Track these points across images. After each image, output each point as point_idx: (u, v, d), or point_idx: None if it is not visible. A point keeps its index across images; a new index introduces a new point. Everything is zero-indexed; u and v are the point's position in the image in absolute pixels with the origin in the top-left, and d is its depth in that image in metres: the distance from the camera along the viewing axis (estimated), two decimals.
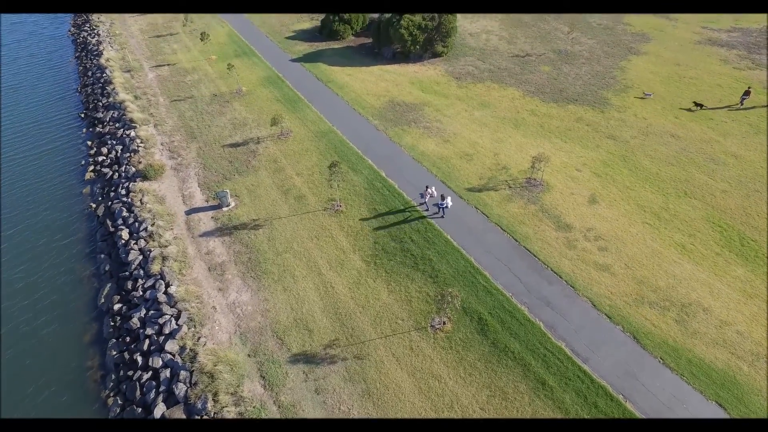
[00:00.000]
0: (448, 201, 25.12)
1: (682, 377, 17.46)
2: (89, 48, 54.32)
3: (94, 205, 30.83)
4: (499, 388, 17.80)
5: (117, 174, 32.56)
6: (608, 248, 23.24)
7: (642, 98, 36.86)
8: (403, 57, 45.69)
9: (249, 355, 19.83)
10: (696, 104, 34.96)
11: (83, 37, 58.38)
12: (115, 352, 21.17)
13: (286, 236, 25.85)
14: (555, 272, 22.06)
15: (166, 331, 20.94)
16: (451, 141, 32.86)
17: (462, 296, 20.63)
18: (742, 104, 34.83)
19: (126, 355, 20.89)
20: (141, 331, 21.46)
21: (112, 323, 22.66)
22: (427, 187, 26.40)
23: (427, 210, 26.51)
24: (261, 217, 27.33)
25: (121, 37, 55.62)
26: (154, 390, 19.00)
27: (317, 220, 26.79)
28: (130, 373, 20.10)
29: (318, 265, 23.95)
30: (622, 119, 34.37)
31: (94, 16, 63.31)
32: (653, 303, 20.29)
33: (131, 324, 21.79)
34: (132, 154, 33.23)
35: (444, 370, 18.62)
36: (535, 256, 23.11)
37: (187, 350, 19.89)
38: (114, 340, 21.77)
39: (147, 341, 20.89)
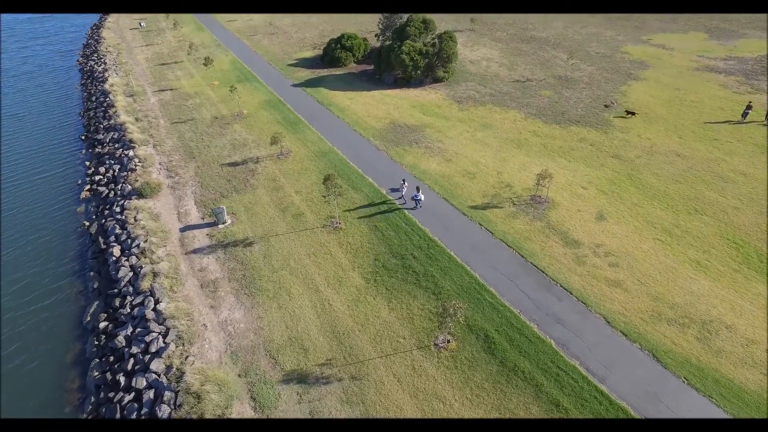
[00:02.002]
0: (422, 195, 26.68)
1: (711, 399, 16.05)
2: (95, 75, 55.07)
3: (87, 223, 30.02)
4: (509, 410, 16.36)
5: (113, 192, 31.94)
6: (619, 264, 22.19)
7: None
8: (405, 82, 46.02)
9: (240, 375, 18.47)
10: (628, 112, 37.38)
11: (90, 66, 59.34)
12: (97, 373, 19.80)
13: (283, 253, 24.87)
14: (565, 288, 20.93)
15: (153, 349, 19.64)
16: (453, 160, 32.37)
17: (467, 313, 19.47)
18: (744, 119, 35.25)
19: (108, 375, 19.50)
20: (126, 349, 20.16)
21: (97, 342, 21.36)
22: (403, 181, 28.12)
23: (404, 203, 27.64)
24: (257, 234, 26.45)
25: (127, 65, 56.49)
26: (135, 413, 17.58)
27: (315, 238, 25.88)
28: (111, 394, 18.68)
29: (315, 282, 22.86)
30: (626, 140, 34.00)
31: (102, 47, 64.62)
32: (672, 320, 19.06)
33: (116, 342, 20.54)
34: (129, 173, 32.73)
35: (449, 391, 17.22)
36: (542, 272, 22.03)
37: (174, 369, 18.56)
38: (97, 360, 20.45)
39: (132, 360, 19.57)
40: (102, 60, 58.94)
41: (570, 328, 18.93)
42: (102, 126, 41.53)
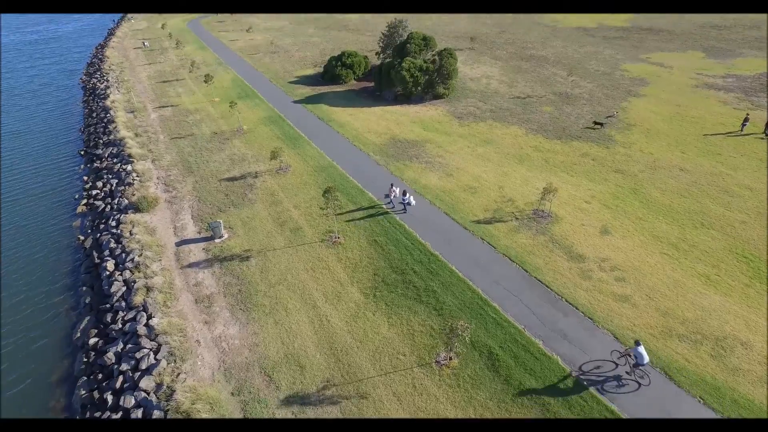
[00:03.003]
0: (411, 198, 27.27)
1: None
2: (97, 92, 55.38)
3: (82, 238, 29.50)
4: None
5: (109, 207, 31.50)
6: (626, 279, 21.54)
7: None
8: (405, 99, 46.11)
9: (232, 393, 17.66)
10: (596, 123, 38.33)
11: (93, 84, 59.76)
12: (84, 392, 18.98)
13: (280, 268, 24.26)
14: (570, 303, 20.24)
15: (143, 366, 18.87)
16: (454, 175, 32.02)
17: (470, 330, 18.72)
18: (742, 130, 36.17)
19: (96, 394, 18.70)
20: (115, 367, 19.38)
21: (85, 359, 20.59)
22: (391, 185, 28.49)
23: (393, 207, 28.21)
24: (255, 248, 25.88)
25: (129, 82, 56.88)
26: None
27: (314, 252, 25.31)
28: (97, 414, 17.83)
29: (313, 298, 22.19)
30: (628, 154, 33.70)
31: (106, 65, 65.27)
32: (683, 336, 18.32)
33: (105, 359, 19.76)
34: (126, 187, 32.37)
35: (451, 410, 16.39)
36: (547, 286, 21.37)
37: (164, 387, 17.76)
38: (85, 378, 19.63)
39: (120, 378, 18.78)
40: (105, 78, 59.40)
41: (577, 345, 18.18)
42: (101, 141, 41.43)
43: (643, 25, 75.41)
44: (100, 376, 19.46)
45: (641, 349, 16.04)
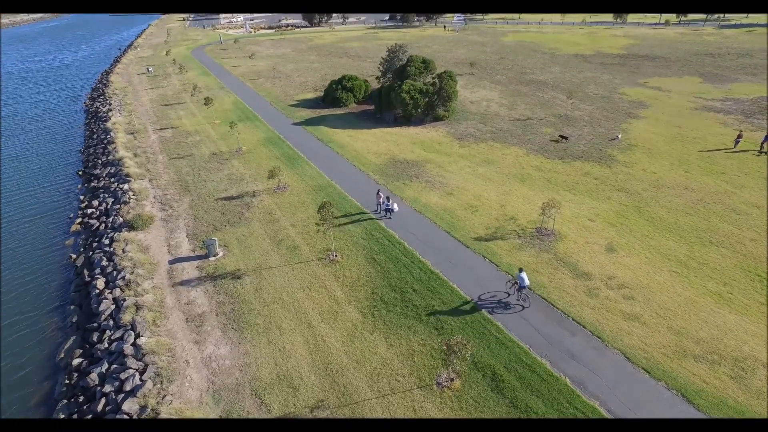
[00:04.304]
0: (395, 205, 28.23)
1: None
2: (99, 115, 55.74)
3: (74, 256, 28.79)
4: None
5: (103, 225, 30.92)
6: (635, 297, 20.66)
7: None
8: (405, 121, 46.17)
9: (221, 416, 16.57)
10: (561, 137, 39.92)
11: (95, 107, 60.28)
12: (63, 416, 17.86)
13: (276, 286, 23.44)
14: (577, 322, 19.32)
15: (127, 387, 17.84)
16: (454, 194, 31.53)
17: (472, 349, 17.76)
18: (735, 147, 36.74)
19: (76, 417, 17.57)
20: (98, 388, 18.33)
21: (67, 381, 19.53)
22: (378, 191, 30.02)
23: (378, 212, 29.34)
24: (249, 267, 25.12)
25: (131, 105, 57.34)
26: None
27: (310, 270, 24.53)
28: None
29: (308, 317, 21.29)
30: (631, 174, 33.28)
31: (110, 90, 66.03)
32: (698, 356, 17.32)
33: (88, 380, 18.72)
34: (122, 206, 31.86)
35: None
36: (552, 305, 20.48)
37: (149, 410, 16.69)
38: (65, 401, 18.54)
39: (103, 400, 17.71)
40: (107, 101, 59.96)
41: (586, 365, 17.17)
42: (100, 161, 41.25)
43: (639, 53, 76.60)
44: (81, 398, 18.39)
45: (523, 274, 20.11)
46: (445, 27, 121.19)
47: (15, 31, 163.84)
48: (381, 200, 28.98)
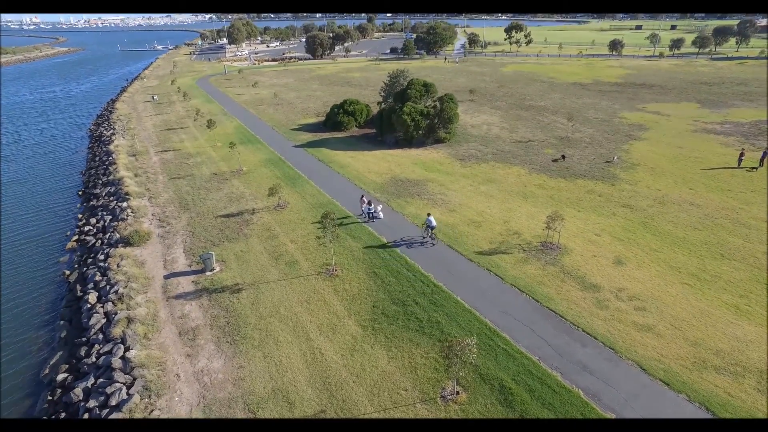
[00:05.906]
0: (380, 212, 30.08)
1: None
2: (102, 139, 56.09)
3: (68, 272, 28.06)
4: None
5: (100, 241, 30.34)
6: (647, 308, 19.81)
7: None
8: (406, 143, 46.27)
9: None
10: (562, 156, 40.74)
11: (99, 132, 60.77)
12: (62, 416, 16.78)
13: (273, 300, 22.63)
14: (588, 333, 18.42)
15: (113, 402, 16.82)
16: (457, 210, 31.07)
17: (478, 361, 16.87)
18: (739, 165, 36.85)
19: None
20: (82, 404, 17.30)
21: (50, 397, 18.47)
22: (362, 196, 31.57)
23: (363, 217, 30.51)
24: (247, 281, 24.37)
25: (134, 130, 57.82)
26: None
27: (309, 285, 23.77)
28: None
29: (306, 330, 20.39)
30: (635, 191, 32.91)
31: (114, 116, 66.82)
32: (720, 368, 16.35)
33: (72, 396, 17.68)
34: (119, 223, 31.38)
35: None
36: (561, 316, 19.62)
37: None
38: (45, 418, 17.44)
39: (86, 416, 16.65)
40: (111, 126, 60.52)
41: (600, 377, 16.19)
42: (100, 181, 41.09)
43: (636, 81, 77.93)
44: (63, 414, 17.31)
45: (431, 218, 25.67)
46: (446, 59, 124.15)
47: (28, 67, 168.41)
48: (364, 206, 30.35)
